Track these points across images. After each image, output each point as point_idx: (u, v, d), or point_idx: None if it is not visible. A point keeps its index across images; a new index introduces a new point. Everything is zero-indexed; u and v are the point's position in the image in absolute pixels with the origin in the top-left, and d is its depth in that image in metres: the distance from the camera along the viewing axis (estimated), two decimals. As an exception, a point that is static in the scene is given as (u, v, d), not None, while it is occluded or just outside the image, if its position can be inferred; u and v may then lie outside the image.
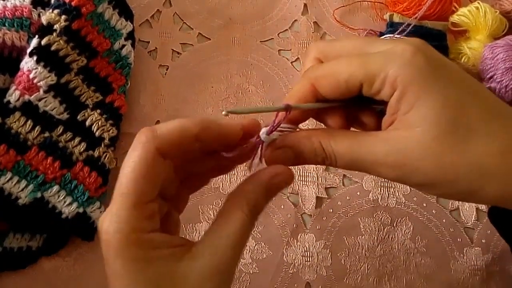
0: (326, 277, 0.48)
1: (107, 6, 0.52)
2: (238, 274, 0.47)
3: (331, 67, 0.29)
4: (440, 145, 0.26)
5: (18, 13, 0.48)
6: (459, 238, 0.51)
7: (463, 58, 0.58)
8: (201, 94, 0.55)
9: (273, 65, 0.58)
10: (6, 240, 0.44)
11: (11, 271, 0.44)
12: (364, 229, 0.50)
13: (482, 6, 0.58)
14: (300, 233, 0.49)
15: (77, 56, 0.49)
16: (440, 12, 0.59)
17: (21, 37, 0.48)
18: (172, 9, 0.60)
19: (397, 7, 0.60)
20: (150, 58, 0.57)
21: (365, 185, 0.52)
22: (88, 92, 0.49)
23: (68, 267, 0.46)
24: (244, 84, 0.57)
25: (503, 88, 0.54)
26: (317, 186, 0.52)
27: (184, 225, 0.48)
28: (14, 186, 0.43)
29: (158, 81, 0.56)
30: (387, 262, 0.49)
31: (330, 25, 0.62)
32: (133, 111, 0.53)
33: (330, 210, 0.51)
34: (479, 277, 0.49)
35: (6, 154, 0.43)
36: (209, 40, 0.59)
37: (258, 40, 0.60)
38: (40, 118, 0.46)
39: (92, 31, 0.50)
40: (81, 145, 0.47)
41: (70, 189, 0.45)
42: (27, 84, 0.45)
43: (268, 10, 0.62)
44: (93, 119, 0.48)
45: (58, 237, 0.46)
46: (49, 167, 0.45)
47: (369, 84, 0.28)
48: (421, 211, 0.51)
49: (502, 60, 0.54)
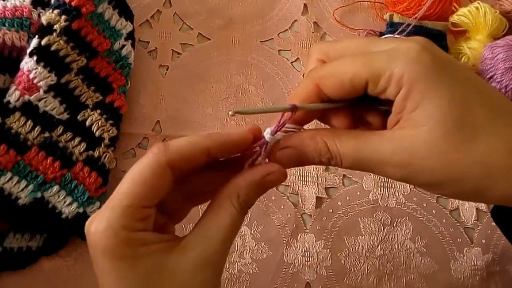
0: (326, 277, 0.48)
1: (107, 6, 0.52)
2: (238, 274, 0.47)
3: (335, 67, 0.29)
4: (446, 143, 0.26)
5: (18, 13, 0.48)
6: (459, 238, 0.51)
7: (463, 58, 0.58)
8: (201, 94, 0.55)
9: (273, 65, 0.58)
10: (6, 240, 0.44)
11: (11, 271, 0.45)
12: (364, 229, 0.50)
13: (482, 6, 0.58)
14: (300, 233, 0.49)
15: (77, 56, 0.49)
16: (440, 12, 0.59)
17: (21, 37, 0.48)
18: (172, 9, 0.60)
19: (397, 7, 0.60)
20: (150, 58, 0.57)
21: (365, 185, 0.52)
22: (88, 92, 0.49)
23: (68, 267, 0.46)
24: (244, 84, 0.57)
25: (503, 88, 0.54)
26: (317, 186, 0.52)
27: (184, 225, 0.48)
28: (14, 186, 0.43)
29: (158, 81, 0.56)
30: (387, 262, 0.49)
31: (330, 25, 0.62)
32: (133, 111, 0.53)
33: (330, 210, 0.51)
34: (479, 277, 0.49)
35: (6, 154, 0.43)
36: (209, 40, 0.59)
37: (258, 40, 0.60)
38: (40, 118, 0.46)
39: (92, 31, 0.50)
40: (81, 145, 0.47)
41: (70, 189, 0.45)
42: (27, 84, 0.45)
43: (268, 10, 0.62)
44: (93, 119, 0.48)
45: (58, 237, 0.46)
46: (49, 167, 0.45)
47: (374, 82, 0.27)
48: (421, 211, 0.51)
49: (502, 60, 0.54)
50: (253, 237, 0.49)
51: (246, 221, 0.49)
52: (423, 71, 0.26)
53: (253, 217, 0.49)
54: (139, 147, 0.52)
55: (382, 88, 0.27)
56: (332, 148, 0.29)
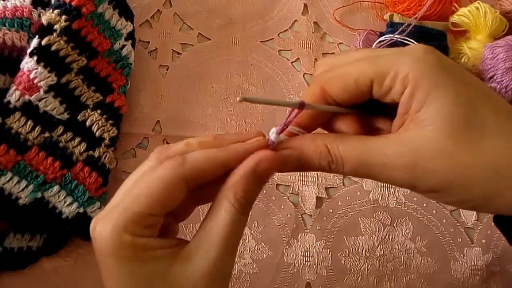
0: (327, 277, 0.48)
1: (107, 6, 0.52)
2: (238, 274, 0.47)
3: (340, 69, 0.29)
4: (453, 144, 0.25)
5: (18, 13, 0.48)
6: (459, 238, 0.51)
7: (463, 58, 0.58)
8: (201, 94, 0.55)
9: (273, 65, 0.58)
10: (6, 240, 0.44)
11: (11, 271, 0.44)
12: (364, 229, 0.50)
13: (482, 6, 0.58)
14: (300, 233, 0.49)
15: (77, 56, 0.49)
16: (440, 12, 0.59)
17: (21, 37, 0.48)
18: (172, 9, 0.60)
19: (397, 7, 0.60)
20: (150, 58, 0.57)
21: (366, 185, 0.52)
22: (88, 92, 0.49)
23: (68, 267, 0.46)
24: (244, 84, 0.57)
25: (503, 88, 0.54)
26: (317, 186, 0.52)
27: (184, 225, 0.48)
28: (14, 186, 0.43)
29: (158, 81, 0.56)
30: (387, 262, 0.49)
31: (330, 25, 0.62)
32: (133, 111, 0.53)
33: (330, 210, 0.51)
34: (480, 277, 0.49)
35: (6, 154, 0.43)
36: (209, 40, 0.59)
37: (258, 40, 0.60)
38: (40, 118, 0.46)
39: (93, 31, 0.50)
40: (81, 145, 0.47)
41: (71, 189, 0.45)
42: (28, 84, 0.45)
43: (268, 10, 0.62)
44: (93, 119, 0.48)
45: (58, 237, 0.46)
46: (49, 167, 0.45)
47: (379, 82, 0.27)
48: (421, 211, 0.51)
49: (502, 60, 0.54)
50: (253, 237, 0.49)
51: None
52: (428, 70, 0.26)
53: (253, 217, 0.49)
54: (139, 147, 0.52)
55: (387, 88, 0.27)
56: (333, 150, 0.28)
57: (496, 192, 0.25)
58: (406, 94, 0.26)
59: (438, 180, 0.26)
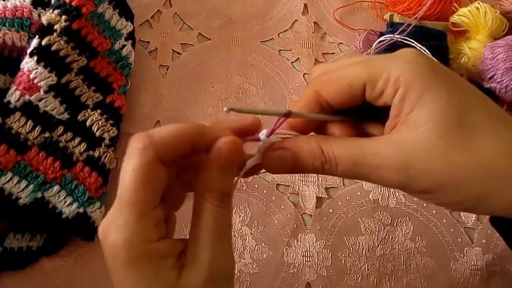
0: (327, 277, 0.48)
1: (107, 6, 0.52)
2: (238, 274, 0.47)
3: (334, 72, 0.29)
4: (446, 144, 0.25)
5: (19, 13, 0.48)
6: (460, 238, 0.51)
7: (463, 58, 0.57)
8: (201, 94, 0.55)
9: (273, 65, 0.58)
10: (6, 240, 0.44)
11: (11, 271, 0.44)
12: (364, 229, 0.50)
13: (482, 6, 0.58)
14: (300, 233, 0.49)
15: (78, 56, 0.49)
16: (440, 12, 0.59)
17: (21, 37, 0.48)
18: (172, 9, 0.60)
19: (397, 7, 0.60)
20: (150, 58, 0.57)
21: (366, 185, 0.52)
22: (88, 92, 0.49)
23: (68, 267, 0.46)
24: (244, 84, 0.57)
25: (503, 88, 0.54)
26: (317, 186, 0.52)
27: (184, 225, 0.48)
28: (15, 186, 0.43)
29: (158, 81, 0.56)
30: (387, 262, 0.49)
31: (330, 25, 0.62)
32: (133, 111, 0.53)
33: (331, 210, 0.51)
34: (480, 277, 0.49)
35: (7, 154, 0.43)
36: (209, 40, 0.59)
37: (258, 40, 0.60)
38: (40, 118, 0.46)
39: (93, 31, 0.50)
40: (81, 145, 0.47)
41: (71, 189, 0.45)
42: (28, 84, 0.45)
43: (268, 10, 0.62)
44: (93, 119, 0.48)
45: (58, 237, 0.46)
46: (50, 167, 0.45)
47: (372, 85, 0.27)
48: (421, 211, 0.51)
49: (502, 60, 0.54)
50: (253, 237, 0.49)
51: (246, 221, 0.49)
52: (419, 72, 0.26)
53: (253, 217, 0.49)
54: (139, 147, 0.52)
55: (379, 91, 0.27)
56: (327, 151, 0.28)
57: (488, 193, 0.25)
58: (398, 96, 0.27)
59: (430, 180, 0.26)
